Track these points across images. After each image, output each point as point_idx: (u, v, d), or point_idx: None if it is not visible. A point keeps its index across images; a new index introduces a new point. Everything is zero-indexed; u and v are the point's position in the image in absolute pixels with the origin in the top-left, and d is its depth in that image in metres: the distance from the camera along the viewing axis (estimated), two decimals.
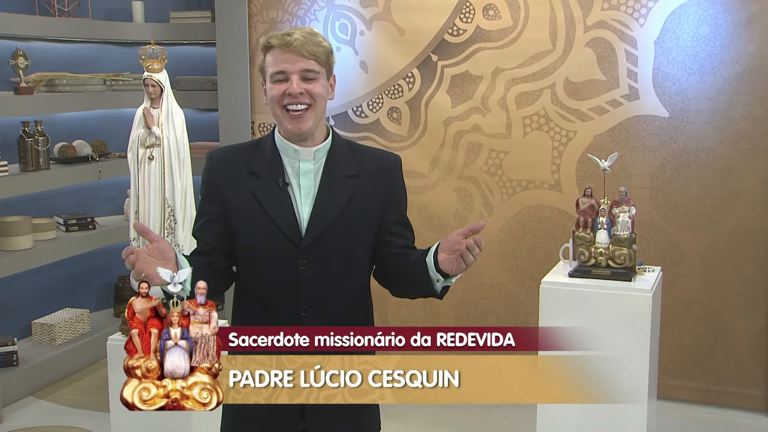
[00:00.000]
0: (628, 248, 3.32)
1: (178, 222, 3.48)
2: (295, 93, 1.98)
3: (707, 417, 4.16)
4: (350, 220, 2.05)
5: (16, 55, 4.46)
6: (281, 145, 2.08)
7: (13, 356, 4.41)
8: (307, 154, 2.06)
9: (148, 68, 3.49)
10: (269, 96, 2.03)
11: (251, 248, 2.06)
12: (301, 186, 2.05)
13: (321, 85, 2.02)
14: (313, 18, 4.72)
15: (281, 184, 2.04)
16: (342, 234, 2.04)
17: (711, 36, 4.05)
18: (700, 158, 4.15)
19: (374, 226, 2.10)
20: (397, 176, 2.15)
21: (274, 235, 2.02)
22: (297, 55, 1.98)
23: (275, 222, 2.02)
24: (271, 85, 2.01)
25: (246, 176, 2.06)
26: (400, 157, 2.20)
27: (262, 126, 4.91)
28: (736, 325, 4.18)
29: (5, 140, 4.66)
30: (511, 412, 4.22)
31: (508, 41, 4.38)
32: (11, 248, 4.42)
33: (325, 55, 2.02)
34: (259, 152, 2.09)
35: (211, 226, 2.09)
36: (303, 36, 1.99)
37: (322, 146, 2.08)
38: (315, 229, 2.02)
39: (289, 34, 1.99)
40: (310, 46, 1.99)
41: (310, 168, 2.06)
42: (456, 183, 4.57)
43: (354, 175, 2.07)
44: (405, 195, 2.19)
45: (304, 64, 1.99)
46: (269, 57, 2.02)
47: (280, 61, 1.99)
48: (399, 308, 4.68)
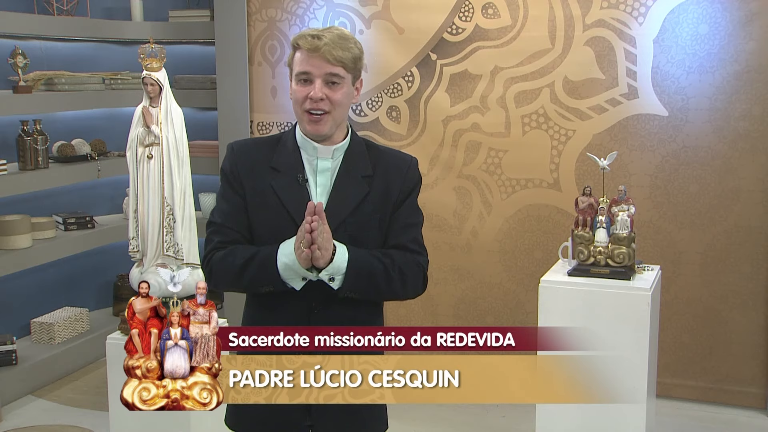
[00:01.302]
0: (627, 247, 3.32)
1: (177, 221, 3.47)
2: (317, 98, 2.00)
3: (706, 415, 4.17)
4: (362, 219, 2.07)
5: (14, 53, 4.45)
6: (301, 142, 2.11)
7: (12, 355, 4.41)
8: (325, 152, 2.09)
9: (147, 67, 3.49)
10: (293, 96, 2.05)
11: (266, 241, 2.07)
12: (317, 183, 2.08)
13: (343, 93, 2.03)
14: (312, 17, 4.72)
15: (300, 179, 2.07)
16: (354, 232, 2.06)
17: (710, 35, 4.05)
18: (699, 157, 4.15)
19: (384, 226, 2.12)
20: (411, 178, 2.17)
21: (290, 230, 2.03)
22: (323, 60, 1.99)
23: (292, 216, 2.04)
24: (296, 86, 2.04)
25: (266, 170, 2.09)
26: (417, 160, 2.22)
27: (261, 125, 4.91)
28: (735, 324, 4.19)
29: (4, 139, 4.66)
30: (509, 412, 4.22)
31: (507, 40, 4.38)
32: (10, 247, 4.42)
33: (352, 62, 2.03)
34: (280, 148, 2.12)
35: (239, 216, 2.11)
36: (332, 40, 1.99)
37: (341, 145, 2.10)
38: (329, 226, 2.02)
39: (318, 37, 1.99)
40: (338, 51, 2.00)
41: (328, 166, 2.09)
42: (455, 182, 4.57)
43: (369, 175, 2.10)
44: (415, 198, 2.19)
45: (330, 69, 2.00)
46: (298, 55, 2.04)
47: (306, 63, 2.01)
48: (398, 307, 4.68)
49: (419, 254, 2.16)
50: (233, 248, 2.08)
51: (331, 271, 2.00)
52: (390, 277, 2.07)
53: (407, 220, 2.16)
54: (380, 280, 2.06)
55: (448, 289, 4.67)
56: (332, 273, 2.00)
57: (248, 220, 2.10)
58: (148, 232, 3.44)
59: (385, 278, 2.07)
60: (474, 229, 4.57)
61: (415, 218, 2.18)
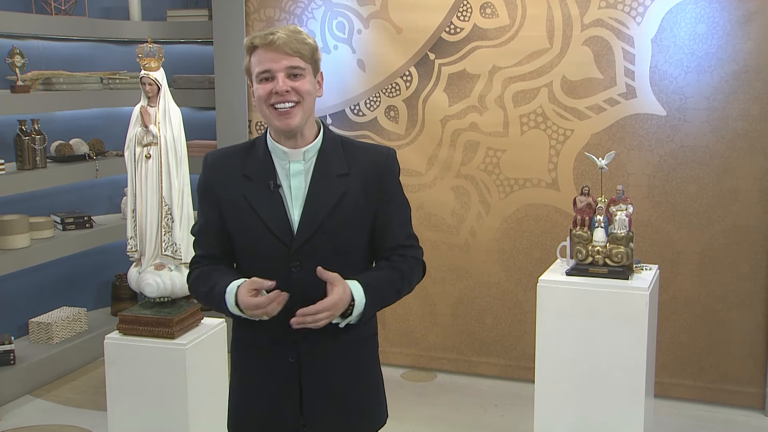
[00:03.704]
0: (626, 246, 3.32)
1: (176, 220, 3.46)
2: (282, 91, 1.97)
3: (704, 415, 4.17)
4: (341, 220, 2.03)
5: (12, 53, 4.45)
6: (272, 147, 2.07)
7: (10, 355, 4.40)
8: (296, 155, 2.05)
9: (145, 66, 3.48)
10: (256, 96, 2.02)
11: (245, 251, 2.08)
12: (291, 187, 2.04)
13: (308, 82, 2.01)
14: (311, 16, 4.72)
15: (272, 186, 2.04)
16: (333, 234, 2.03)
17: (708, 34, 4.06)
18: (697, 157, 4.15)
19: (367, 224, 2.09)
20: (389, 171, 2.11)
21: (265, 238, 2.02)
22: (281, 53, 1.97)
23: (266, 224, 2.02)
24: (258, 85, 2.01)
25: (238, 179, 2.07)
26: (394, 151, 2.16)
27: (260, 124, 4.91)
28: (733, 323, 4.19)
29: (2, 139, 4.66)
30: (508, 411, 4.22)
31: (506, 39, 4.38)
32: (8, 247, 4.41)
33: (309, 52, 2.01)
34: (252, 154, 2.09)
35: (215, 229, 2.11)
36: (286, 34, 1.98)
37: (312, 146, 2.06)
38: (306, 231, 2.01)
39: (272, 33, 1.98)
40: (294, 43, 1.98)
41: (301, 169, 2.05)
42: (453, 181, 4.57)
43: (345, 173, 2.06)
44: (399, 190, 2.14)
45: (289, 62, 1.98)
46: (254, 58, 2.01)
47: (265, 60, 1.98)
48: (396, 307, 4.67)
49: (416, 248, 2.16)
50: (203, 271, 2.11)
51: (350, 321, 2.02)
52: (400, 292, 2.11)
53: (401, 218, 2.14)
54: (392, 300, 2.11)
55: (447, 289, 4.67)
56: (350, 321, 2.02)
57: (224, 233, 2.09)
58: (146, 232, 3.43)
59: (396, 296, 2.11)
60: (472, 228, 4.57)
61: (405, 212, 2.16)
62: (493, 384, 4.58)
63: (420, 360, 4.78)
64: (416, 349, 4.78)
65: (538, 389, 3.41)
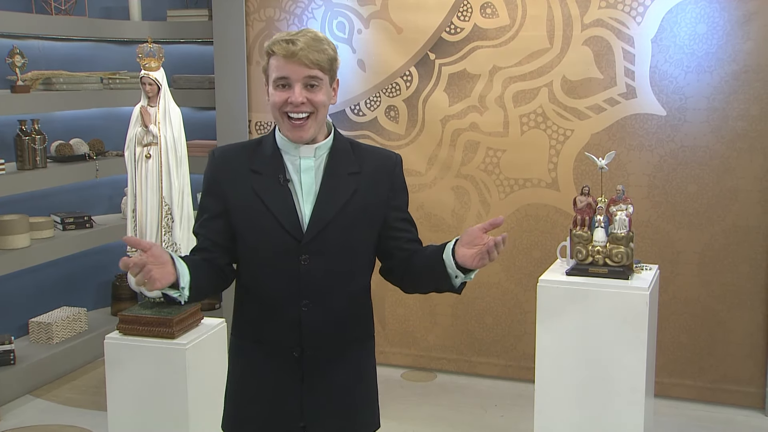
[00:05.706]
0: (626, 246, 3.32)
1: (176, 220, 3.47)
2: (297, 102, 1.99)
3: (704, 415, 4.17)
4: (352, 216, 2.05)
5: (12, 53, 4.45)
6: (282, 143, 2.08)
7: (10, 355, 4.40)
8: (307, 151, 2.06)
9: (145, 66, 3.49)
10: (271, 101, 2.03)
11: (254, 244, 2.07)
12: (302, 183, 2.05)
13: (324, 93, 2.02)
14: (311, 16, 4.72)
15: (282, 180, 2.04)
16: (343, 230, 2.04)
17: (708, 34, 4.06)
18: (697, 157, 4.15)
19: (376, 224, 2.11)
20: (398, 175, 2.16)
21: (275, 231, 2.02)
22: (300, 64, 1.98)
23: (277, 218, 2.02)
24: (273, 91, 2.02)
25: (247, 174, 2.07)
26: (401, 156, 2.21)
27: (259, 124, 4.90)
28: (733, 323, 4.19)
29: (2, 139, 4.66)
30: (508, 411, 4.22)
31: (506, 39, 4.38)
32: (8, 247, 4.41)
33: (328, 63, 2.02)
34: (260, 150, 2.10)
35: (212, 222, 2.10)
36: (307, 44, 1.97)
37: (323, 143, 2.08)
38: (316, 225, 2.02)
39: (293, 42, 1.97)
40: (314, 54, 1.98)
41: (311, 165, 2.07)
42: (453, 181, 4.57)
43: (356, 172, 2.08)
44: (406, 193, 2.19)
45: (308, 72, 1.99)
46: (273, 61, 2.01)
47: (283, 68, 1.99)
48: (396, 307, 4.68)
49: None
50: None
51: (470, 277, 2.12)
52: None
53: (406, 215, 2.18)
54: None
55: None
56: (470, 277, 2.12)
57: (225, 227, 2.08)
58: (146, 232, 3.44)
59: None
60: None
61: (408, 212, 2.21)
62: (493, 384, 4.58)
63: (420, 360, 4.78)
64: (416, 350, 4.78)
65: (538, 389, 3.41)
